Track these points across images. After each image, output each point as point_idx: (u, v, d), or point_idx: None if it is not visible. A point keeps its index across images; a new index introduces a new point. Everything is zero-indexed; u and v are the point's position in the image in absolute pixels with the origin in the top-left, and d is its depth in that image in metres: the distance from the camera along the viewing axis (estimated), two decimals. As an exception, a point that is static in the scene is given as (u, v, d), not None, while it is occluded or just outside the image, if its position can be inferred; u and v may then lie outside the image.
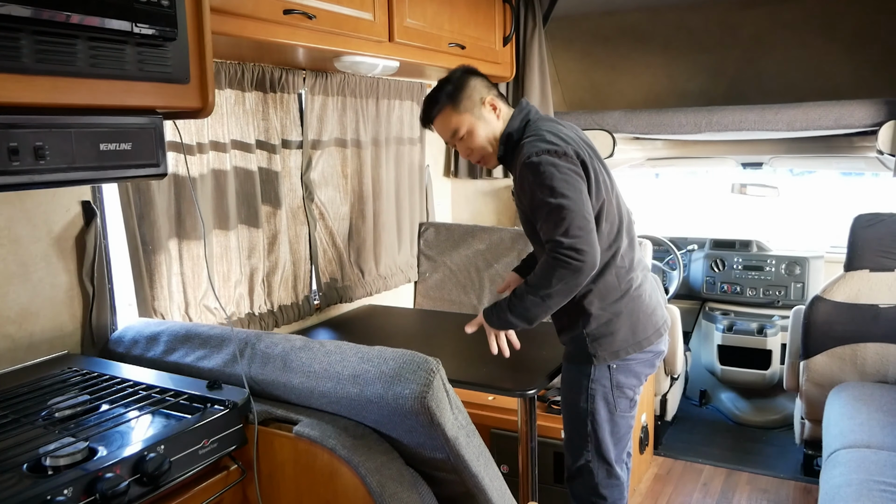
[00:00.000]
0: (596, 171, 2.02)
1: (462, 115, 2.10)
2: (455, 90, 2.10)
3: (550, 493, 2.75)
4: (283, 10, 1.97)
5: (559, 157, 1.93)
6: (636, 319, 2.11)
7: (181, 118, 1.60)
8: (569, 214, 1.88)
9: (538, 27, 3.59)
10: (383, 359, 1.53)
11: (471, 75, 2.14)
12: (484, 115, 2.11)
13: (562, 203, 1.89)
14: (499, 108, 2.12)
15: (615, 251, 2.08)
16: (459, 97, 2.10)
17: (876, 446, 2.50)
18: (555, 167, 1.91)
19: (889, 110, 3.09)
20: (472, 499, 1.60)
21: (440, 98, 2.11)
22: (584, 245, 1.88)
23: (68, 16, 1.19)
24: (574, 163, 1.94)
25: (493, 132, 2.12)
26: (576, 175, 1.93)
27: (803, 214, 8.22)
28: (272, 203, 2.60)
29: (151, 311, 2.17)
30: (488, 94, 2.12)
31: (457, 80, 2.12)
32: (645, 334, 2.13)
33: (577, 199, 1.90)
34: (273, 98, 2.53)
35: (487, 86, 2.15)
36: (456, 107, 2.10)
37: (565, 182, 1.90)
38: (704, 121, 3.45)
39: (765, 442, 3.97)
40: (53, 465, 1.26)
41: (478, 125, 2.11)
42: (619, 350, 2.09)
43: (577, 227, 1.88)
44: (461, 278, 3.43)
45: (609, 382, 2.11)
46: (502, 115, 2.13)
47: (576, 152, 1.97)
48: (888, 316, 3.06)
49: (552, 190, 1.90)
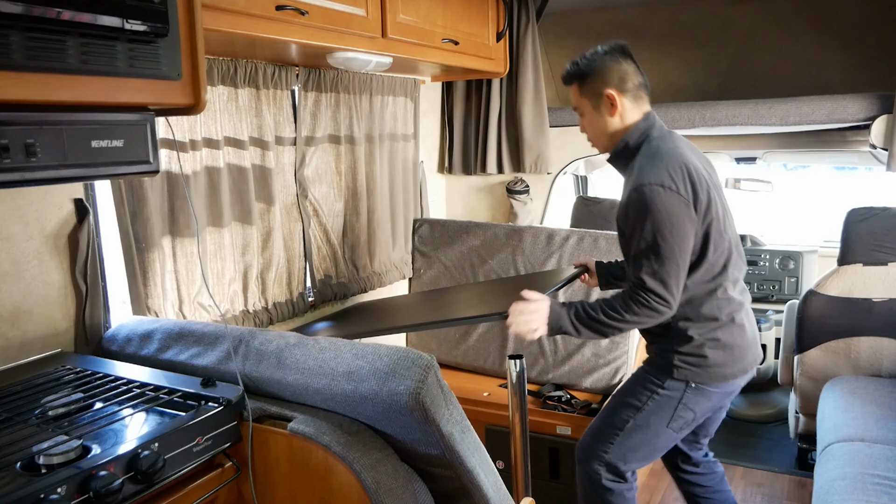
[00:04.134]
0: (710, 201, 1.95)
1: (582, 98, 2.08)
2: (586, 70, 2.06)
3: (546, 488, 2.76)
4: (276, 6, 1.96)
5: (670, 194, 1.87)
6: (731, 351, 2.06)
7: (173, 115, 1.59)
8: (662, 258, 1.86)
9: (531, 23, 3.58)
10: (377, 355, 1.52)
11: (610, 58, 2.05)
12: (601, 106, 2.06)
13: (658, 244, 1.86)
14: (618, 105, 2.04)
15: (720, 283, 2.03)
16: (586, 79, 2.06)
17: (870, 440, 2.51)
18: (663, 204, 1.86)
19: (882, 104, 3.10)
20: (467, 494, 1.60)
21: (573, 71, 2.08)
22: (666, 294, 1.87)
23: (59, 12, 1.18)
24: (685, 201, 1.88)
25: (605, 127, 2.07)
26: (683, 217, 1.88)
27: (797, 209, 8.24)
28: (266, 200, 2.59)
29: (145, 309, 2.17)
30: (612, 88, 2.03)
31: (593, 58, 2.06)
32: (734, 368, 2.08)
33: (676, 243, 1.87)
34: (266, 94, 2.53)
35: (622, 76, 2.04)
36: (581, 86, 2.08)
37: (669, 223, 1.86)
38: (698, 116, 3.45)
39: (759, 436, 3.98)
40: (47, 463, 1.25)
41: (592, 114, 2.08)
42: (705, 376, 2.05)
43: (665, 273, 1.86)
44: (456, 274, 3.43)
45: (680, 397, 2.07)
46: (622, 113, 2.05)
47: (692, 185, 1.91)
48: (882, 310, 3.07)
49: (653, 228, 1.86)
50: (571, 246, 3.16)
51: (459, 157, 3.88)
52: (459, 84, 3.80)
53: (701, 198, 1.93)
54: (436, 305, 2.79)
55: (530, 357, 3.12)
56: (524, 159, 3.72)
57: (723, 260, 2.03)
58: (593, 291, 3.03)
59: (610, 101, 2.04)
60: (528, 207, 3.85)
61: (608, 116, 2.06)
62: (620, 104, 2.04)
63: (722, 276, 2.03)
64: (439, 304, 2.81)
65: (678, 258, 1.88)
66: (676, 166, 1.91)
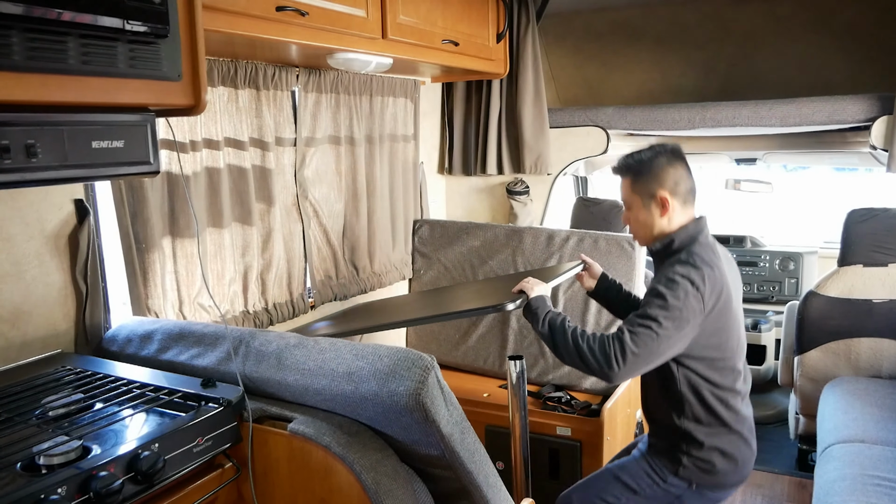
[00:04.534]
0: (725, 308, 2.02)
1: (633, 195, 2.11)
2: (640, 170, 2.09)
3: (546, 488, 2.76)
4: (276, 7, 1.96)
5: (694, 292, 1.93)
6: (734, 462, 2.10)
7: (174, 115, 1.60)
8: (648, 335, 1.90)
9: (531, 23, 3.59)
10: (378, 356, 1.52)
11: (667, 161, 2.08)
12: (652, 206, 2.09)
13: (651, 325, 1.91)
14: (670, 207, 2.07)
15: (727, 384, 2.07)
16: (639, 178, 2.09)
17: (870, 441, 2.51)
18: (682, 298, 1.91)
19: (882, 105, 3.10)
20: (467, 495, 1.60)
21: (628, 167, 2.11)
22: (628, 364, 1.90)
23: (60, 13, 1.18)
24: (701, 306, 1.94)
25: (652, 226, 2.10)
26: (691, 318, 1.92)
27: (797, 210, 8.24)
28: (266, 201, 2.59)
29: (145, 310, 2.17)
30: (666, 190, 2.06)
31: (650, 160, 2.08)
32: (735, 478, 2.13)
33: (668, 335, 1.91)
34: (266, 95, 2.53)
35: (677, 179, 2.08)
36: (634, 183, 2.10)
37: (678, 313, 1.91)
38: (698, 117, 3.45)
39: (759, 437, 3.95)
40: (47, 463, 1.25)
41: (641, 212, 2.11)
42: (709, 481, 2.10)
43: (641, 347, 1.90)
44: (456, 275, 3.43)
45: (680, 494, 2.11)
46: (671, 216, 2.08)
47: (715, 296, 1.97)
48: (882, 311, 3.07)
49: (662, 308, 1.91)
50: (571, 247, 3.16)
51: (459, 157, 3.88)
52: (459, 85, 3.80)
53: (717, 306, 2.00)
54: (435, 302, 2.79)
55: (530, 358, 3.12)
56: (524, 160, 3.72)
57: (730, 362, 2.08)
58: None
59: (662, 203, 2.07)
60: (528, 208, 3.85)
61: (658, 217, 2.10)
62: (671, 207, 2.08)
63: (729, 375, 2.08)
64: (438, 301, 2.82)
65: (660, 347, 1.92)
66: (711, 274, 1.98)
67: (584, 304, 3.06)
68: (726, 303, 2.02)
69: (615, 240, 3.07)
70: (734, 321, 2.09)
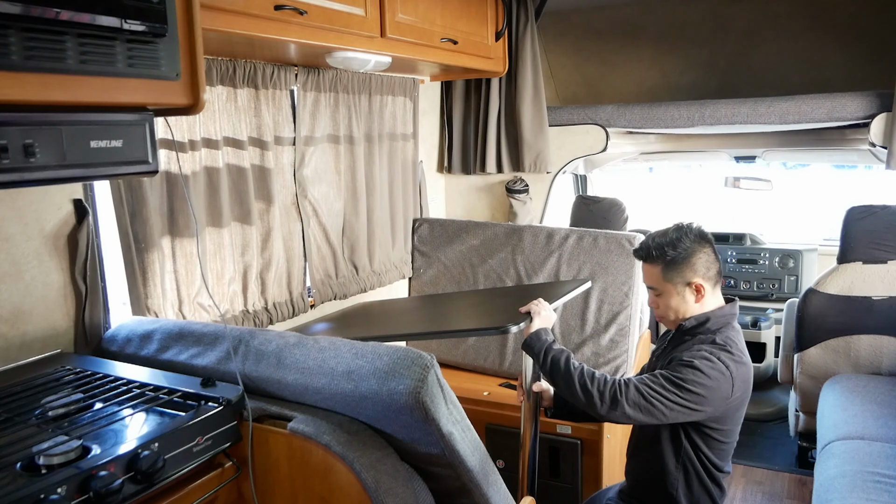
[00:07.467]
0: (742, 404, 2.05)
1: (665, 283, 2.09)
2: (674, 261, 2.06)
3: (546, 487, 2.76)
4: (274, 6, 1.96)
5: (728, 378, 1.94)
6: None
7: (172, 115, 1.59)
8: (658, 398, 1.90)
9: (530, 22, 3.58)
10: (377, 355, 1.52)
11: (699, 247, 2.07)
12: (685, 294, 2.08)
13: (664, 395, 1.91)
14: (703, 293, 2.07)
15: (721, 467, 2.09)
16: (673, 268, 2.06)
17: (870, 438, 2.51)
18: (714, 377, 1.92)
19: (881, 102, 3.10)
20: (467, 494, 1.60)
21: (658, 256, 2.08)
22: (627, 410, 1.90)
23: (58, 12, 1.18)
24: (728, 394, 1.96)
25: (685, 311, 2.09)
26: (700, 400, 1.93)
27: (796, 207, 8.23)
28: (265, 200, 2.59)
29: (145, 310, 2.17)
30: (698, 277, 2.06)
31: (684, 250, 2.06)
32: None
33: (675, 408, 1.92)
34: (265, 94, 2.52)
35: (708, 265, 2.08)
36: (666, 272, 2.08)
37: (688, 393, 1.91)
38: (697, 114, 3.46)
39: (759, 434, 3.99)
40: (47, 463, 1.25)
41: (674, 298, 2.09)
42: None
43: (648, 400, 1.90)
44: (455, 274, 3.43)
45: None
46: (704, 300, 2.08)
47: (740, 392, 1.99)
48: (881, 308, 3.08)
49: (693, 377, 1.91)
50: (571, 245, 3.16)
51: (459, 156, 3.88)
52: (458, 83, 3.80)
53: (737, 407, 2.04)
54: (436, 314, 2.79)
55: (530, 357, 3.12)
56: (523, 158, 3.72)
57: (730, 448, 2.10)
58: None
59: (697, 290, 2.07)
60: (527, 207, 3.85)
61: (691, 302, 2.09)
62: (705, 292, 2.08)
63: (724, 460, 2.10)
64: (440, 310, 2.81)
65: (663, 414, 1.92)
66: (745, 376, 2.01)
67: (584, 303, 3.06)
68: (743, 400, 2.05)
69: (615, 238, 3.07)
70: (742, 416, 2.11)
